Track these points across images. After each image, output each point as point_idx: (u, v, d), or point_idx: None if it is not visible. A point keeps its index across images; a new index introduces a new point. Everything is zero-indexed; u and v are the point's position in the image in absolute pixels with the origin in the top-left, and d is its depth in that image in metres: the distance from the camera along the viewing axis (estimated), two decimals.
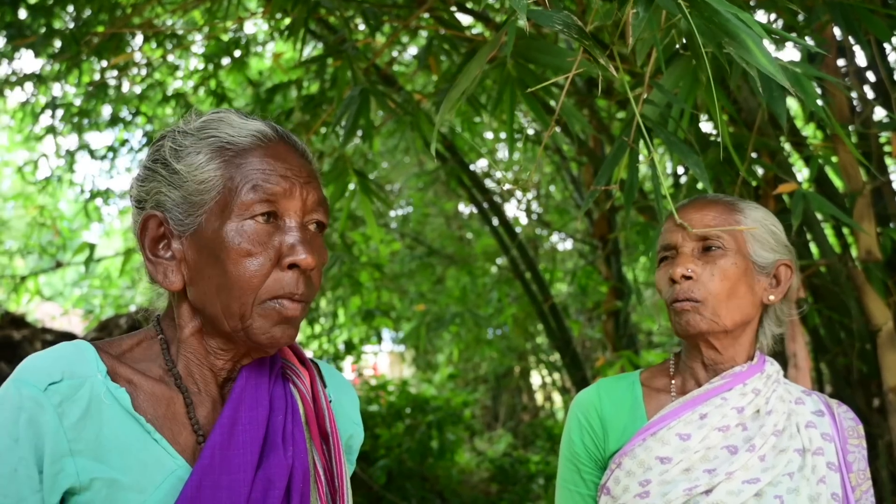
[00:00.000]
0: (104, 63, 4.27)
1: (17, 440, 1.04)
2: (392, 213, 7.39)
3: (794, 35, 1.82)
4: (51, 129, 5.31)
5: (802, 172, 3.71)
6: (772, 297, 1.58)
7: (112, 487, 1.05)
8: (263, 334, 1.13)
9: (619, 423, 1.61)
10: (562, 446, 1.69)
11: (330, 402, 1.29)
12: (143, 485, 1.07)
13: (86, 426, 1.06)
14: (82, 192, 6.23)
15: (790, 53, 9.14)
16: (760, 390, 1.56)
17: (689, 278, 1.53)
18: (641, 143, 1.80)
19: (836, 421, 1.58)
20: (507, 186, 6.46)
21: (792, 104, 2.59)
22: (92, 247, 4.03)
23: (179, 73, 5.51)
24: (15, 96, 5.02)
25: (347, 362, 7.77)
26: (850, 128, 2.69)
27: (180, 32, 4.57)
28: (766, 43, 1.26)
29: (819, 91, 1.96)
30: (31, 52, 4.11)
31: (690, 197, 1.71)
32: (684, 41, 1.83)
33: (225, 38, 4.54)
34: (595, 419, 1.63)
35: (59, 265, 6.75)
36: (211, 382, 1.19)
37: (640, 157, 1.83)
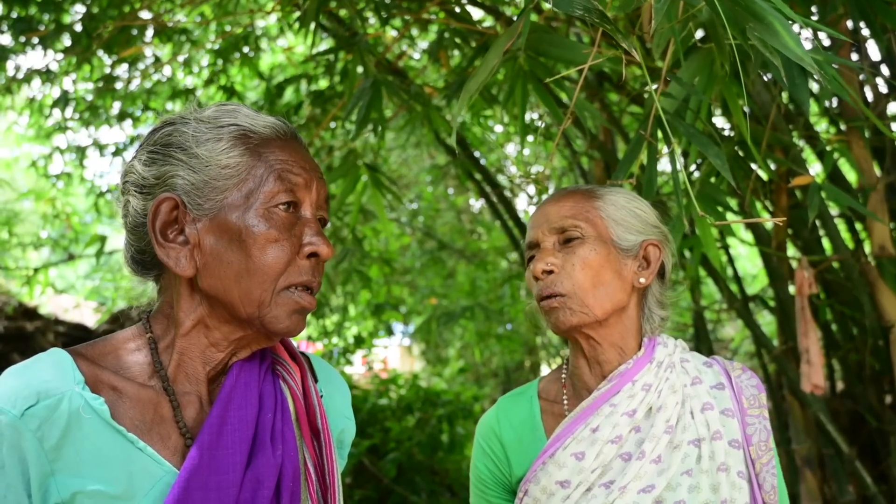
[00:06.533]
0: (114, 58, 4.28)
1: (2, 467, 1.04)
2: (404, 206, 7.39)
3: (808, 31, 1.81)
4: (62, 125, 5.32)
5: (815, 168, 3.69)
6: (642, 280, 1.52)
7: (97, 499, 1.05)
8: (280, 323, 1.14)
9: (520, 446, 1.56)
10: (470, 472, 1.65)
11: (321, 396, 1.27)
12: (131, 493, 1.06)
13: (66, 444, 1.05)
14: (93, 187, 6.25)
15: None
16: (651, 384, 1.48)
17: (550, 272, 1.49)
18: (660, 135, 1.79)
19: (735, 392, 1.51)
20: (518, 181, 6.45)
21: None
22: (103, 238, 4.04)
23: (189, 70, 5.52)
24: (24, 92, 5.02)
25: (358, 356, 7.79)
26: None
27: (190, 27, 4.58)
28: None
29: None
30: (39, 49, 4.12)
31: (704, 192, 1.69)
32: (702, 34, 1.82)
33: (237, 31, 4.54)
34: (496, 444, 1.59)
35: (71, 257, 6.79)
36: (202, 380, 1.17)
37: (660, 150, 1.82)
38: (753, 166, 2.46)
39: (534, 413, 1.59)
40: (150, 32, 4.16)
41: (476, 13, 3.75)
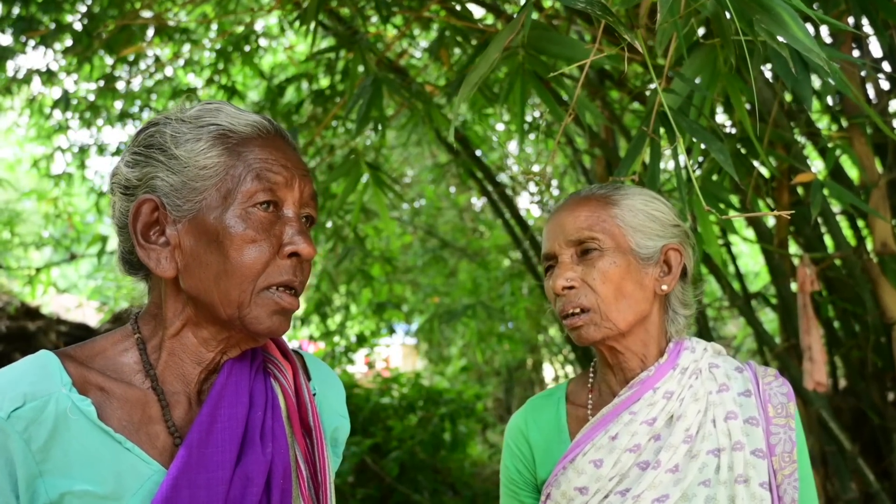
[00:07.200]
0: (115, 57, 4.28)
1: None
2: (404, 206, 7.39)
3: (813, 27, 1.80)
4: (62, 125, 5.32)
5: (817, 165, 3.69)
6: (665, 287, 1.50)
7: (85, 499, 1.05)
8: (260, 324, 1.13)
9: (546, 448, 1.57)
10: (501, 473, 1.65)
11: (314, 395, 1.27)
12: (119, 493, 1.06)
13: (54, 445, 1.05)
14: (93, 188, 6.25)
15: None
16: (673, 392, 1.46)
17: (571, 288, 1.47)
18: (662, 132, 1.78)
19: (761, 400, 1.48)
20: (521, 178, 6.44)
21: None
22: (104, 238, 4.05)
23: (191, 68, 5.51)
24: (24, 92, 5.02)
25: (360, 355, 7.79)
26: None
27: (191, 26, 4.58)
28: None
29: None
30: (39, 49, 4.12)
31: (706, 189, 1.68)
32: (704, 31, 1.81)
33: (238, 31, 4.54)
34: (524, 445, 1.59)
35: (73, 257, 6.80)
36: (192, 379, 1.17)
37: (662, 145, 1.82)
38: (755, 163, 2.46)
39: (560, 416, 1.59)
40: (150, 32, 4.16)
41: (477, 11, 3.74)
